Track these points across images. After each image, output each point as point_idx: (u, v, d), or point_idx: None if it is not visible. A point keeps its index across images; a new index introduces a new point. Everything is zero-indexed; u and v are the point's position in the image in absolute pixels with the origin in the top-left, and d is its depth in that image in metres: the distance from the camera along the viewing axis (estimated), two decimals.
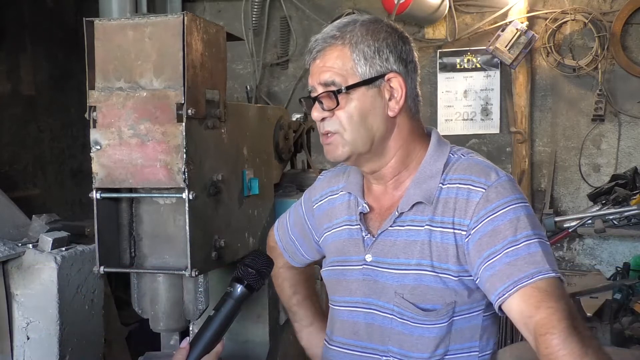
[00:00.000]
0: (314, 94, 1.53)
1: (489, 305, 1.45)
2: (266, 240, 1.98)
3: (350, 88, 1.48)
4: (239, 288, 1.56)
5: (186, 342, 1.56)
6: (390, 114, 1.51)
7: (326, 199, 1.73)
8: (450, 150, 1.56)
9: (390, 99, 1.51)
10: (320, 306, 1.94)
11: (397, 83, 1.50)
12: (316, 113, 1.51)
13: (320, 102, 1.50)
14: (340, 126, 1.50)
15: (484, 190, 1.44)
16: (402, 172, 1.55)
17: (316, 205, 1.75)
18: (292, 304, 1.93)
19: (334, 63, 1.49)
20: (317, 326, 1.88)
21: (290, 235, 1.85)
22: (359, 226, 1.59)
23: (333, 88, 1.48)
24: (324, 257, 1.74)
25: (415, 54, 1.57)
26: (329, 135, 1.52)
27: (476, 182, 1.46)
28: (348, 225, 1.63)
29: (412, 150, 1.55)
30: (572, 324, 1.27)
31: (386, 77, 1.50)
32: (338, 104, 1.48)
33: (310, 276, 1.94)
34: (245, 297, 1.58)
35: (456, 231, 1.45)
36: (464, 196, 1.46)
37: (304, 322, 1.91)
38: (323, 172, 1.84)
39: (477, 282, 1.43)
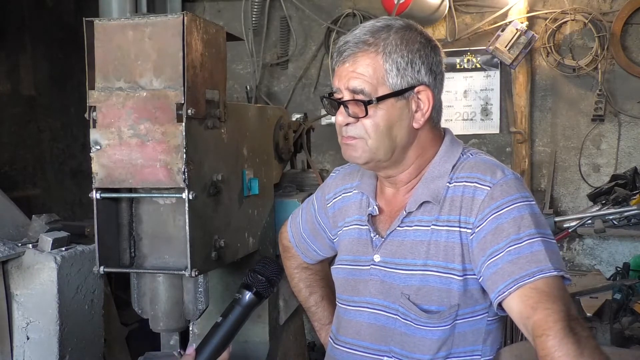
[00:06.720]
0: (337, 96, 1.51)
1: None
2: (277, 239, 1.97)
3: (380, 100, 1.45)
4: (248, 295, 1.54)
5: (192, 348, 1.54)
6: (415, 125, 1.51)
7: (340, 197, 1.73)
8: (462, 151, 1.56)
9: (416, 111, 1.50)
10: None
11: (425, 96, 1.50)
12: (341, 117, 1.49)
13: (346, 107, 1.48)
14: (365, 133, 1.48)
15: (489, 188, 1.44)
16: (417, 177, 1.56)
17: (330, 203, 1.75)
18: (310, 304, 1.92)
19: (365, 70, 1.46)
20: None
21: (302, 233, 1.85)
22: (367, 227, 1.59)
23: (362, 96, 1.46)
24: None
25: (443, 63, 1.55)
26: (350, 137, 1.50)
27: (482, 180, 1.46)
28: (358, 225, 1.63)
29: (430, 157, 1.55)
30: (568, 325, 1.27)
31: (416, 90, 1.49)
32: (367, 114, 1.45)
33: (326, 275, 1.91)
34: (253, 305, 1.55)
35: (462, 229, 1.45)
36: (470, 194, 1.46)
37: (322, 322, 1.91)
38: (336, 169, 1.82)
39: (480, 280, 1.43)
